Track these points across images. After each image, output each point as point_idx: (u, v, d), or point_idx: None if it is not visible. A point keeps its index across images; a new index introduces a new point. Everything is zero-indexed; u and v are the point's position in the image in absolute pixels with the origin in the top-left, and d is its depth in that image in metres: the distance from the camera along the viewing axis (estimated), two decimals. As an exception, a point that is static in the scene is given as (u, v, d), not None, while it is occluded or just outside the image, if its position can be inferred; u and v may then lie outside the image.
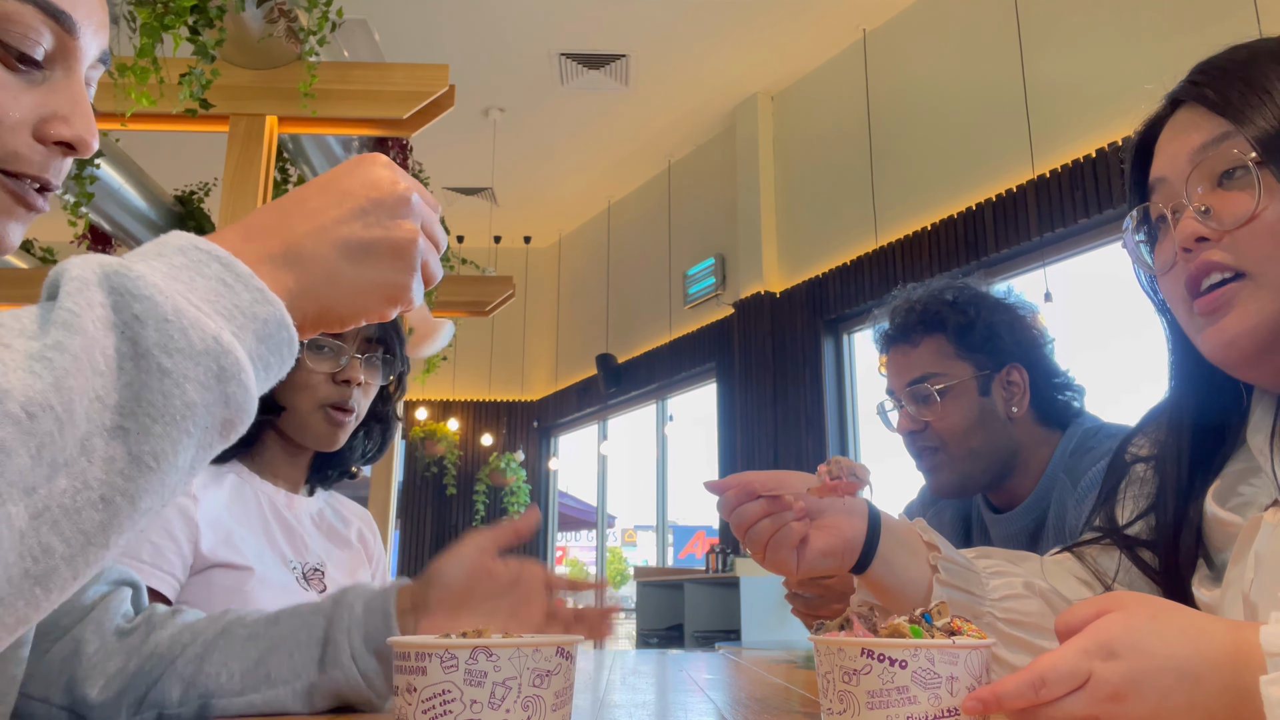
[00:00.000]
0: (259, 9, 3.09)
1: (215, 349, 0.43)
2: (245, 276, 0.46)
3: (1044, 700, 0.55)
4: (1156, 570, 0.86)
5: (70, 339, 0.40)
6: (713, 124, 7.39)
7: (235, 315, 0.45)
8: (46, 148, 0.60)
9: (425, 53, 6.17)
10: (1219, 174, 0.76)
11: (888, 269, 5.61)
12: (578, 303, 9.24)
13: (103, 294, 0.42)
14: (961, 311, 1.43)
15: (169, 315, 0.42)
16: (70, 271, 0.43)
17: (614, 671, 1.37)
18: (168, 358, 0.42)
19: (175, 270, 0.45)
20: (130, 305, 0.42)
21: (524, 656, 0.59)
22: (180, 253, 0.46)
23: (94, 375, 0.40)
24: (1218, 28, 4.11)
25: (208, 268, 0.46)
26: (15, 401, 0.37)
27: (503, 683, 0.58)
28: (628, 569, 16.80)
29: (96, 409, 0.40)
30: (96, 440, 0.40)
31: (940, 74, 5.58)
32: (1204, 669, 0.54)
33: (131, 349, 0.41)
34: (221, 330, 0.44)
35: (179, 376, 0.42)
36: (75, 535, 0.39)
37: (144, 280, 0.43)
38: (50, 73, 0.60)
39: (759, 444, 6.34)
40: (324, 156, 4.18)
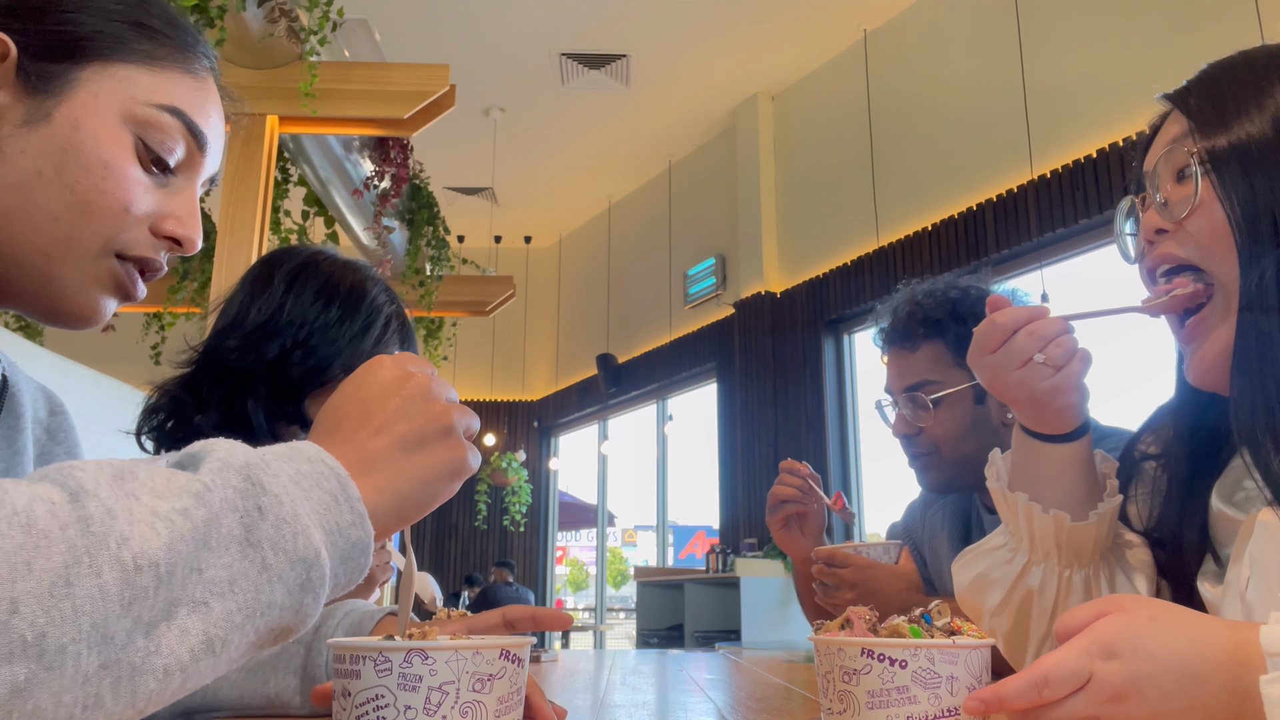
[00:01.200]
0: (260, 9, 3.09)
1: (312, 560, 0.46)
2: (353, 499, 0.49)
3: (1046, 701, 0.55)
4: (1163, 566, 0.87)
5: (196, 509, 0.42)
6: (713, 124, 7.39)
7: (334, 532, 0.47)
8: (157, 240, 0.70)
9: (426, 52, 6.17)
10: (1176, 170, 0.81)
11: (888, 269, 5.61)
12: (578, 303, 9.24)
13: (239, 479, 0.44)
14: (961, 320, 1.42)
15: (286, 517, 0.45)
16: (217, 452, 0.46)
17: (614, 671, 1.37)
18: (273, 554, 0.44)
19: (301, 477, 0.47)
20: (258, 496, 0.45)
21: (462, 660, 0.56)
22: (309, 461, 0.48)
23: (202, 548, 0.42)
24: (1218, 28, 4.11)
25: (327, 482, 0.48)
26: (129, 550, 0.39)
27: (439, 687, 0.55)
28: (628, 569, 16.81)
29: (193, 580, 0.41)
30: (181, 610, 0.41)
31: (940, 74, 5.58)
32: (1204, 669, 0.54)
33: (245, 535, 0.43)
34: (322, 546, 0.46)
35: (274, 575, 0.44)
36: (127, 696, 0.40)
37: (278, 480, 0.46)
38: (174, 179, 0.70)
39: (759, 444, 6.34)
40: (324, 156, 4.18)
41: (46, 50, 0.64)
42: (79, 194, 0.64)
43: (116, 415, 1.24)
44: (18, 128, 0.63)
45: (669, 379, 7.69)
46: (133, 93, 0.67)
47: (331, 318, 1.19)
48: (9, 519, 0.36)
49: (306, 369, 1.17)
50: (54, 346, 2.83)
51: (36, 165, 0.63)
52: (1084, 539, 0.85)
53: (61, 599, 0.36)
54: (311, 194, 4.52)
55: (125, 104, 0.66)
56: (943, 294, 1.46)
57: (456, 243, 6.62)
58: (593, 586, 10.62)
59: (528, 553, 9.11)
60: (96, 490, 0.39)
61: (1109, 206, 4.38)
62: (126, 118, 0.66)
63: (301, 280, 1.21)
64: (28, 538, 0.36)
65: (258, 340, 1.17)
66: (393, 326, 1.24)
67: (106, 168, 0.65)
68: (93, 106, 0.65)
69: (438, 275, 5.34)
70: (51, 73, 0.64)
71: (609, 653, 2.01)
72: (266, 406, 1.18)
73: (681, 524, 11.26)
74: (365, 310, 1.21)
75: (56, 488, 0.39)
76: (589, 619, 10.29)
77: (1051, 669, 0.55)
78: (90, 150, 0.65)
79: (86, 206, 0.65)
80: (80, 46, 0.65)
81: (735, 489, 6.53)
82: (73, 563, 0.37)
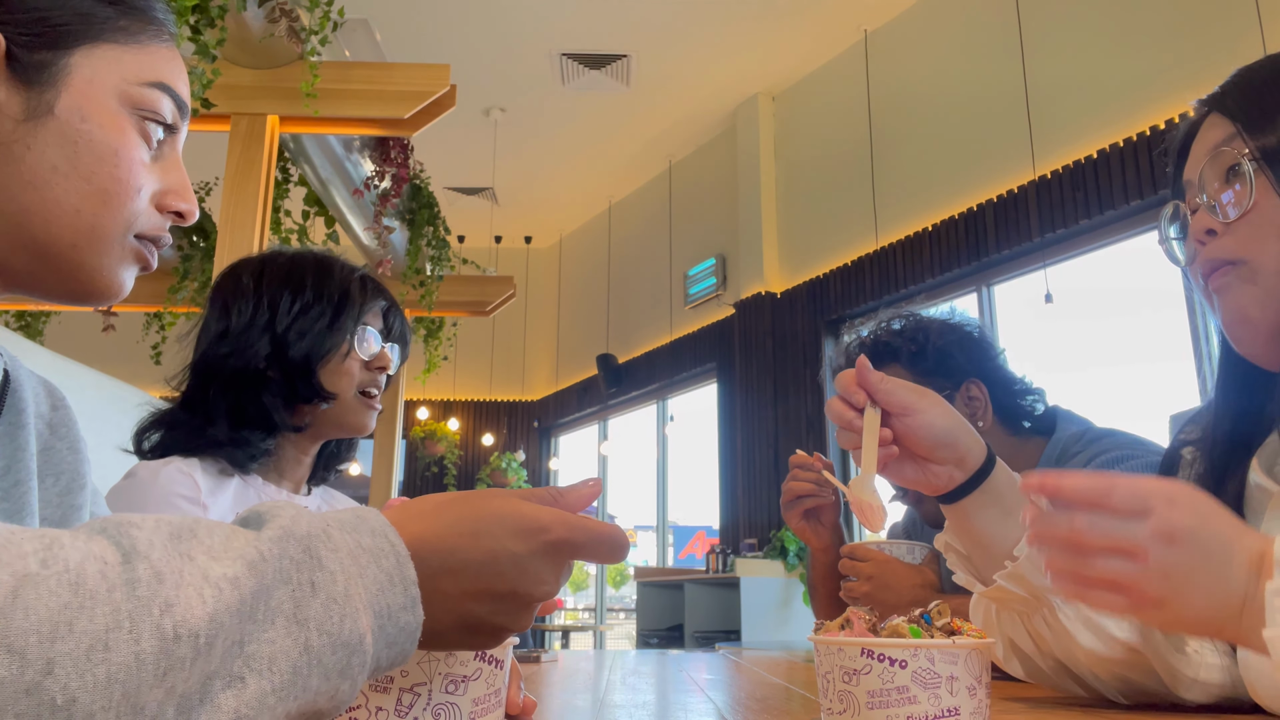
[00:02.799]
0: (260, 9, 3.09)
1: (355, 644, 0.43)
2: (408, 581, 0.46)
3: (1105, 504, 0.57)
4: None
5: (248, 579, 0.40)
6: (714, 124, 7.39)
7: (382, 615, 0.45)
8: (164, 216, 0.72)
9: (426, 52, 6.18)
10: (1224, 171, 0.81)
11: (888, 269, 5.61)
12: (578, 303, 9.24)
13: (297, 549, 0.43)
14: (910, 339, 1.45)
15: (338, 597, 0.43)
16: (281, 518, 0.44)
17: (614, 671, 1.37)
18: (318, 636, 0.42)
19: (359, 551, 0.45)
20: (314, 570, 0.43)
21: (434, 661, 0.55)
22: (371, 535, 0.46)
23: (248, 621, 0.40)
24: (1218, 28, 4.11)
25: (385, 560, 0.46)
26: (171, 618, 0.37)
27: (410, 688, 0.55)
28: (628, 569, 16.81)
29: (233, 653, 0.39)
30: (216, 684, 0.39)
31: (941, 74, 5.58)
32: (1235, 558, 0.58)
33: (294, 611, 0.42)
34: (368, 631, 0.44)
35: (315, 658, 0.42)
36: None
37: (336, 556, 0.44)
38: (163, 151, 0.72)
39: (759, 444, 6.35)
40: (325, 156, 4.18)
41: (33, 39, 0.64)
42: (97, 184, 0.66)
43: (117, 415, 1.25)
44: (21, 123, 0.63)
45: (669, 379, 7.69)
46: (123, 73, 0.68)
47: (308, 296, 1.24)
48: (59, 575, 0.35)
49: (306, 345, 1.23)
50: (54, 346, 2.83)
51: (50, 160, 0.64)
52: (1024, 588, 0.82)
53: (97, 664, 0.35)
54: (312, 194, 4.52)
55: (119, 86, 0.67)
56: (888, 324, 1.51)
57: (457, 243, 6.62)
58: (593, 586, 10.62)
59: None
60: (149, 552, 0.38)
61: (1111, 207, 4.38)
62: (123, 100, 0.68)
63: (268, 273, 1.27)
64: (74, 597, 0.35)
65: (250, 339, 1.21)
66: (368, 287, 1.30)
67: (117, 155, 0.67)
68: (91, 94, 0.66)
69: (438, 275, 5.34)
70: (42, 62, 0.64)
71: (609, 653, 2.02)
72: (283, 395, 1.23)
73: (681, 524, 11.27)
74: (338, 279, 1.27)
75: (112, 545, 0.37)
76: (589, 619, 10.29)
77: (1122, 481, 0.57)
78: (100, 140, 0.66)
79: (105, 196, 0.66)
80: (65, 31, 0.65)
81: (735, 489, 6.53)
82: (114, 626, 0.35)
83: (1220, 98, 0.84)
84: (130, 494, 1.14)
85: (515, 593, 0.51)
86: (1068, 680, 0.87)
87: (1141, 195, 4.25)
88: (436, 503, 0.51)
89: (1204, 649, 0.80)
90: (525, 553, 0.50)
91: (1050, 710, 0.82)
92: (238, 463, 1.22)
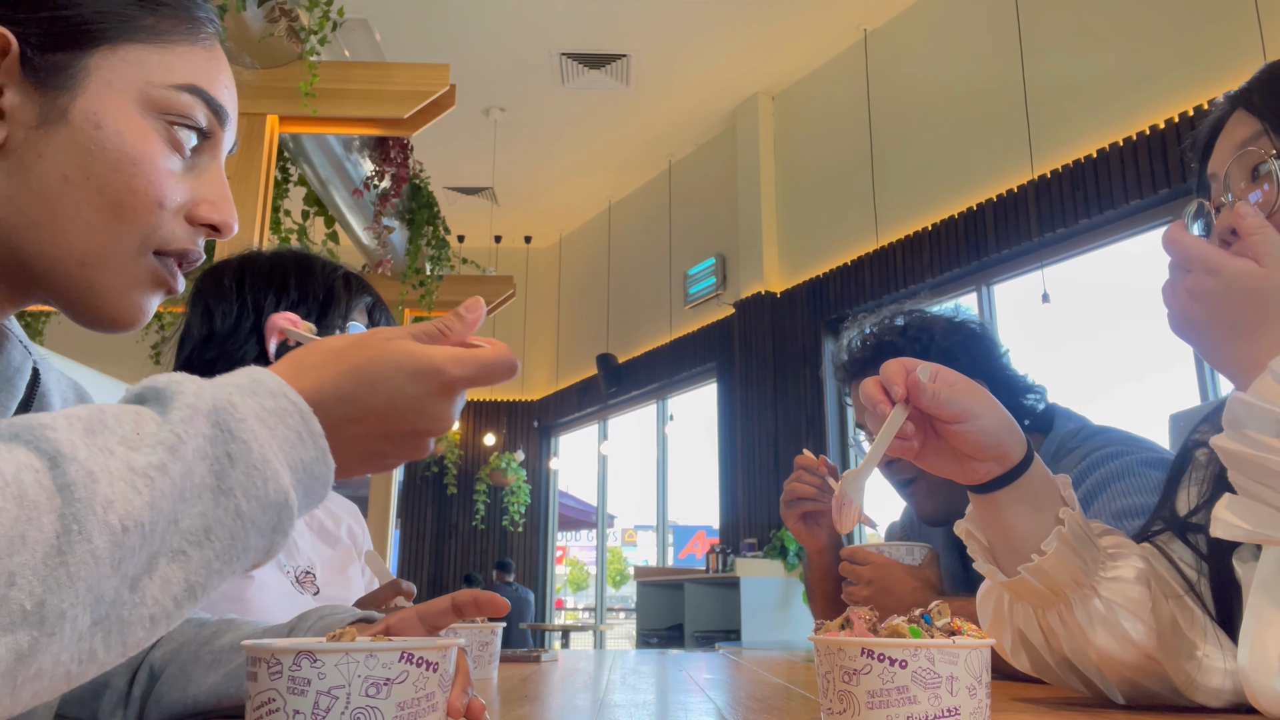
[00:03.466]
0: (260, 9, 3.09)
1: (282, 503, 0.46)
2: (316, 435, 0.49)
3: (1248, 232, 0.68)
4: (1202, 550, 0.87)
5: (172, 464, 0.42)
6: (713, 124, 7.39)
7: (299, 470, 0.48)
8: (195, 229, 0.66)
9: (426, 52, 6.18)
10: (1250, 171, 0.80)
11: (888, 269, 5.61)
12: (578, 303, 9.24)
13: (208, 425, 0.44)
14: (914, 339, 1.44)
15: (257, 463, 0.45)
16: (184, 395, 0.45)
17: (614, 671, 1.37)
18: (246, 502, 0.45)
19: (265, 414, 0.47)
20: (228, 443, 0.44)
21: (353, 663, 0.54)
22: (271, 396, 0.48)
23: (179, 500, 0.42)
24: (1218, 28, 4.11)
25: (291, 419, 0.48)
26: (115, 514, 0.39)
27: (328, 692, 0.53)
28: (628, 569, 16.80)
29: (170, 531, 0.42)
30: (161, 560, 0.42)
31: (940, 74, 5.58)
32: None
33: (216, 483, 0.44)
34: (290, 488, 0.47)
35: (248, 521, 0.45)
36: (118, 646, 0.41)
37: (245, 424, 0.45)
38: (199, 160, 0.66)
39: (759, 444, 6.35)
40: (325, 156, 4.18)
41: (49, 40, 0.60)
42: (110, 196, 0.61)
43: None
44: (33, 130, 0.59)
45: (669, 379, 7.69)
46: (147, 76, 0.63)
47: (293, 296, 1.22)
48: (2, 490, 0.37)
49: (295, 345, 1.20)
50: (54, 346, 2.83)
51: (61, 170, 0.60)
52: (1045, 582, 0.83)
53: (56, 567, 0.37)
54: (311, 194, 4.52)
55: (142, 89, 0.62)
56: (889, 320, 1.49)
57: (456, 243, 6.61)
58: (593, 586, 10.62)
59: (527, 553, 9.11)
60: (74, 453, 0.39)
61: (1110, 206, 4.38)
62: (146, 104, 0.62)
63: (250, 274, 1.24)
64: (20, 509, 0.37)
65: (237, 341, 1.20)
66: (352, 283, 1.28)
67: (136, 164, 0.61)
68: (109, 98, 0.61)
69: (438, 275, 5.34)
70: (58, 64, 0.60)
71: (609, 653, 2.02)
72: None
73: (681, 524, 11.27)
74: (321, 278, 1.25)
75: (33, 452, 0.39)
76: (589, 619, 10.29)
77: None
78: (116, 147, 0.61)
79: (120, 208, 0.61)
80: (85, 32, 0.61)
81: (735, 489, 6.53)
82: (63, 531, 0.37)
83: (1247, 93, 0.83)
84: None
85: (415, 431, 0.54)
86: (1072, 677, 0.87)
87: (1140, 195, 4.26)
88: (331, 350, 0.53)
89: (1213, 655, 0.80)
90: (423, 394, 0.53)
91: (1050, 710, 0.82)
92: None
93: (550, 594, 9.36)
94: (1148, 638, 0.79)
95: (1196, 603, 0.85)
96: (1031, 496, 0.84)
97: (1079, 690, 0.89)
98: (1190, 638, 0.82)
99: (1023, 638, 0.89)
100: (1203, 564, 0.87)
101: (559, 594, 11.61)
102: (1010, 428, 0.83)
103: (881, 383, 0.80)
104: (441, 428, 0.55)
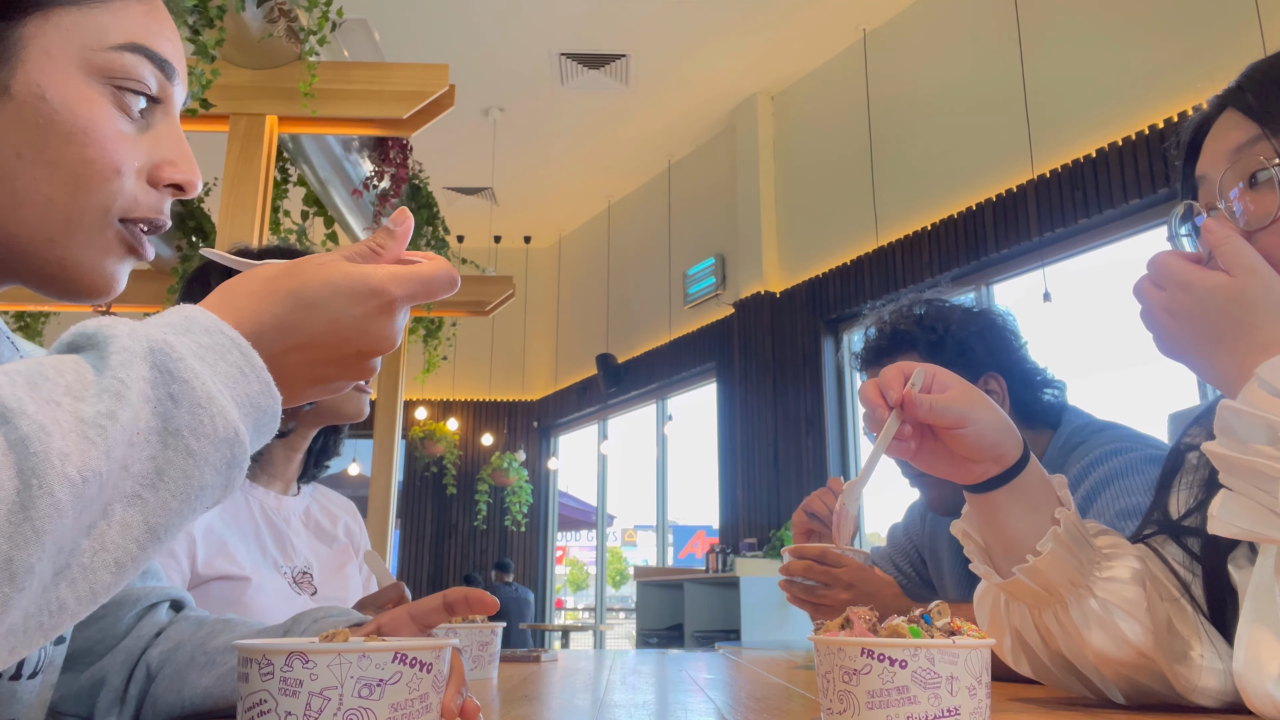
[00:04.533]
0: (259, 9, 3.09)
1: (233, 438, 0.46)
2: (258, 369, 0.48)
3: None
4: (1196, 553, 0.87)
5: (120, 410, 0.42)
6: (713, 124, 7.39)
7: (245, 404, 0.47)
8: (159, 191, 0.64)
9: (425, 52, 6.18)
10: (1248, 175, 0.78)
11: (888, 269, 5.61)
12: (578, 303, 9.24)
13: (146, 368, 0.44)
14: (930, 329, 1.43)
15: (201, 401, 0.44)
16: (119, 339, 0.44)
17: (614, 671, 1.37)
18: (195, 440, 0.44)
19: (203, 351, 0.46)
20: (168, 384, 0.44)
21: (345, 664, 0.53)
22: (207, 333, 0.47)
23: (128, 446, 0.42)
24: (1217, 28, 4.11)
25: (230, 354, 0.47)
26: (74, 465, 0.39)
27: (320, 693, 0.53)
28: (628, 569, 16.80)
29: (122, 477, 0.42)
30: (117, 506, 0.42)
31: (940, 74, 5.58)
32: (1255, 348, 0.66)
33: (162, 425, 0.43)
34: (239, 421, 0.46)
35: (201, 459, 0.45)
36: (86, 593, 0.41)
37: (184, 363, 0.45)
38: (152, 119, 0.64)
39: (759, 444, 6.35)
40: (324, 156, 4.18)
41: None
42: (66, 169, 0.59)
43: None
44: None
45: (669, 379, 7.69)
46: (84, 39, 0.60)
47: None
48: None
49: None
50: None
51: (13, 148, 0.58)
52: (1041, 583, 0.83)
53: (20, 523, 0.37)
54: (311, 194, 4.52)
55: (81, 54, 0.60)
56: (908, 309, 1.48)
57: (456, 243, 6.62)
58: (593, 586, 10.62)
59: (528, 553, 9.11)
60: (22, 407, 0.39)
61: (1109, 206, 4.38)
62: (88, 69, 0.60)
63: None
64: None
65: None
66: None
67: (86, 133, 0.59)
68: (50, 67, 0.59)
69: (437, 275, 5.33)
70: None
71: (609, 653, 2.02)
72: None
73: (681, 524, 11.27)
74: None
75: None
76: (589, 619, 10.28)
77: None
78: (65, 118, 0.59)
79: (78, 180, 0.60)
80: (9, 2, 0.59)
81: (735, 489, 6.53)
82: (23, 487, 0.37)
83: (1238, 93, 0.81)
84: None
85: (360, 352, 0.54)
86: (1071, 678, 0.87)
87: (1140, 194, 4.26)
88: (264, 279, 0.52)
89: (1208, 656, 0.80)
90: (364, 314, 0.52)
91: (1050, 711, 0.82)
92: None
93: (550, 594, 9.36)
94: (1143, 637, 0.79)
95: (1191, 604, 0.85)
96: (1028, 497, 0.84)
97: (1079, 692, 0.89)
98: (1185, 638, 0.82)
99: (1020, 639, 0.89)
100: (1196, 566, 0.87)
101: (559, 594, 11.61)
102: (1007, 429, 0.83)
103: (880, 386, 0.81)
104: (385, 346, 0.54)
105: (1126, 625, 0.80)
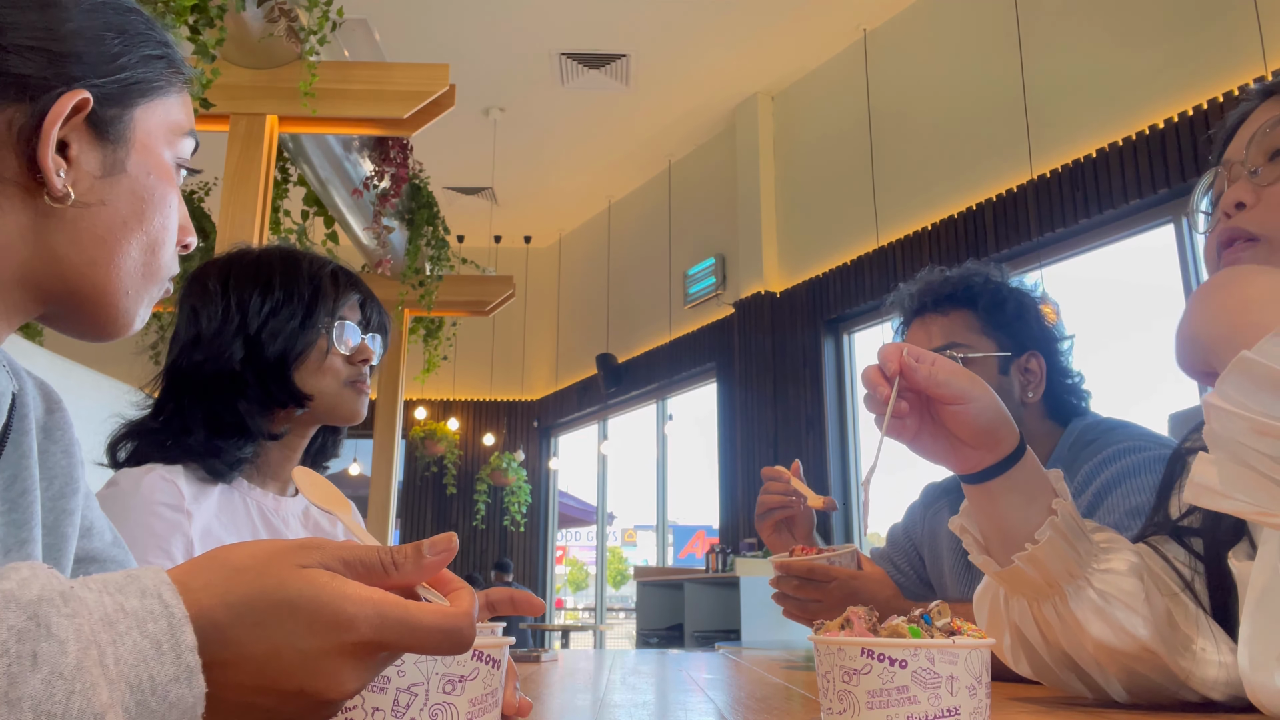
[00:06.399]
0: (259, 8, 3.09)
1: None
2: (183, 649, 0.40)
3: None
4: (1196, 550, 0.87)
5: None
6: (713, 124, 7.39)
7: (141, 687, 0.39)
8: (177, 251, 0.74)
9: (425, 52, 6.17)
10: (1271, 150, 0.82)
11: (888, 269, 5.61)
12: (578, 303, 9.24)
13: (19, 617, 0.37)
14: (994, 291, 1.46)
15: (65, 671, 0.37)
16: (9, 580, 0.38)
17: (614, 671, 1.37)
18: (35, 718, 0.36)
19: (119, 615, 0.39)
20: (37, 642, 0.37)
21: (432, 660, 0.54)
22: (141, 595, 0.41)
23: None
24: (1217, 28, 4.11)
25: (154, 624, 0.40)
26: None
27: (407, 689, 0.54)
28: (628, 569, 16.79)
29: None
30: None
31: (940, 74, 5.58)
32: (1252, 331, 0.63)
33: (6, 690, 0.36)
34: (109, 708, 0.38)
35: None
36: None
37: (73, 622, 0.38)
38: None
39: (759, 444, 6.35)
40: (324, 156, 4.18)
41: (109, 98, 0.65)
42: (153, 235, 0.68)
43: (115, 416, 1.24)
44: (98, 180, 0.65)
45: (669, 379, 7.69)
46: (168, 125, 0.70)
47: (278, 296, 1.23)
48: None
49: (280, 345, 1.21)
50: (53, 347, 2.83)
51: (121, 215, 0.66)
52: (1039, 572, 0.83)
53: None
54: (311, 194, 4.52)
55: (167, 138, 0.70)
56: (970, 272, 1.50)
57: (456, 242, 6.62)
58: (593, 586, 10.62)
59: (527, 553, 9.11)
60: None
61: (1109, 206, 4.38)
62: (169, 150, 0.70)
63: (235, 275, 1.25)
64: None
65: (222, 344, 1.20)
66: (340, 280, 1.28)
67: (171, 206, 0.70)
68: (151, 148, 0.68)
69: (438, 275, 5.35)
70: (114, 118, 0.66)
71: (609, 653, 2.02)
72: (259, 398, 1.21)
73: (681, 524, 11.27)
74: (307, 275, 1.25)
75: None
76: (589, 619, 10.28)
77: None
78: (160, 193, 0.68)
79: (157, 245, 0.69)
80: (135, 89, 0.67)
81: (735, 489, 6.53)
82: None
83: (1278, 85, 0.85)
84: (112, 503, 1.10)
85: (303, 691, 0.43)
86: (1071, 676, 0.87)
87: (1140, 195, 4.26)
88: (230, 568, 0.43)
89: (1209, 648, 0.80)
90: (316, 651, 0.43)
91: (1050, 711, 0.82)
92: (216, 472, 1.19)
93: (550, 594, 9.36)
94: (1143, 629, 0.80)
95: (1191, 599, 0.85)
96: (1024, 487, 0.85)
97: (1079, 692, 0.89)
98: (1185, 632, 0.82)
99: (1020, 636, 0.89)
100: (1197, 563, 0.87)
101: (559, 594, 11.61)
102: (1003, 418, 0.84)
103: (879, 366, 0.82)
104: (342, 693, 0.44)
105: (1125, 616, 0.80)
